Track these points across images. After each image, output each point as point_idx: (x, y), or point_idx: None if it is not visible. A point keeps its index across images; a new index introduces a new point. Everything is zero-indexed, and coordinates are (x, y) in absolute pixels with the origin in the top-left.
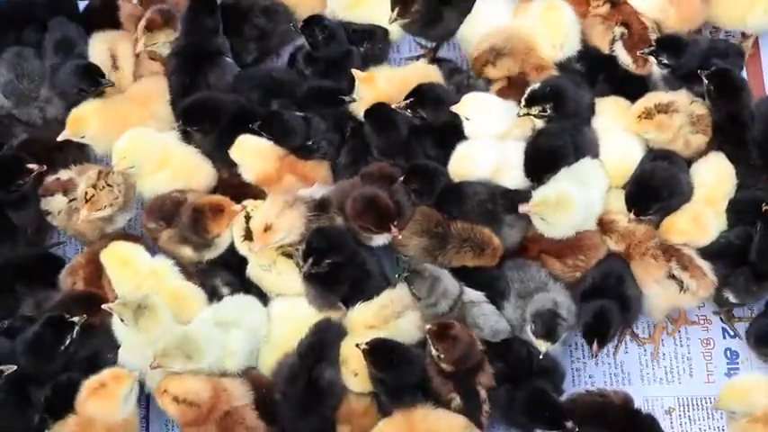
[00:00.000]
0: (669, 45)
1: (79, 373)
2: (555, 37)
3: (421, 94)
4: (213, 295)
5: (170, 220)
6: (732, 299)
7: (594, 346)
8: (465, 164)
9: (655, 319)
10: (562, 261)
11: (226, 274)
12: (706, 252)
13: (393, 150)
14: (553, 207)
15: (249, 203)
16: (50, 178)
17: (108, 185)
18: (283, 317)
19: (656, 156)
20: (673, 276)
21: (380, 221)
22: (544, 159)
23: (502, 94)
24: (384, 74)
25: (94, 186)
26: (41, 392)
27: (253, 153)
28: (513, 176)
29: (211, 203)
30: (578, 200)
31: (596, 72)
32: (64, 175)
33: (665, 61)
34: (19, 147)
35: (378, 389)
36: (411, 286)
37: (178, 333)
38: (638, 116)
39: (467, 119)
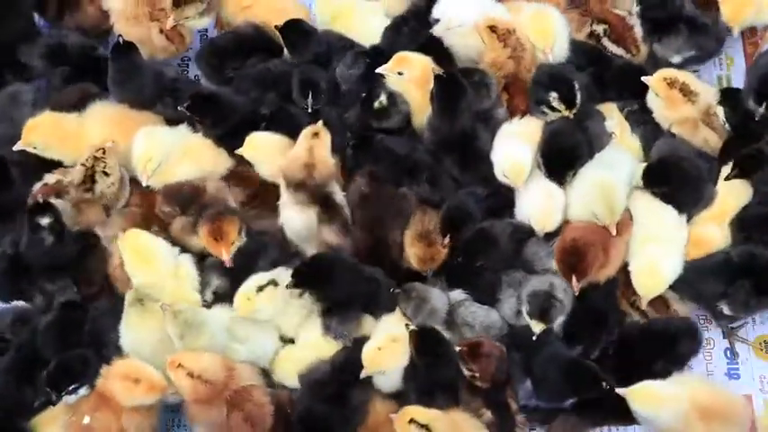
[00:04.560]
0: None
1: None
2: (544, 41)
3: (448, 82)
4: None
5: (185, 208)
6: (727, 311)
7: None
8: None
9: None
10: None
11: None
12: (703, 267)
13: (418, 171)
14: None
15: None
16: (37, 186)
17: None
18: (307, 345)
19: (699, 153)
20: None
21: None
22: (564, 157)
23: (510, 106)
24: None
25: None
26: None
27: (266, 149)
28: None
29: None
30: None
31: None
32: (50, 179)
33: None
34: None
35: (409, 385)
36: (399, 304)
37: (201, 315)
38: (664, 77)
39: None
